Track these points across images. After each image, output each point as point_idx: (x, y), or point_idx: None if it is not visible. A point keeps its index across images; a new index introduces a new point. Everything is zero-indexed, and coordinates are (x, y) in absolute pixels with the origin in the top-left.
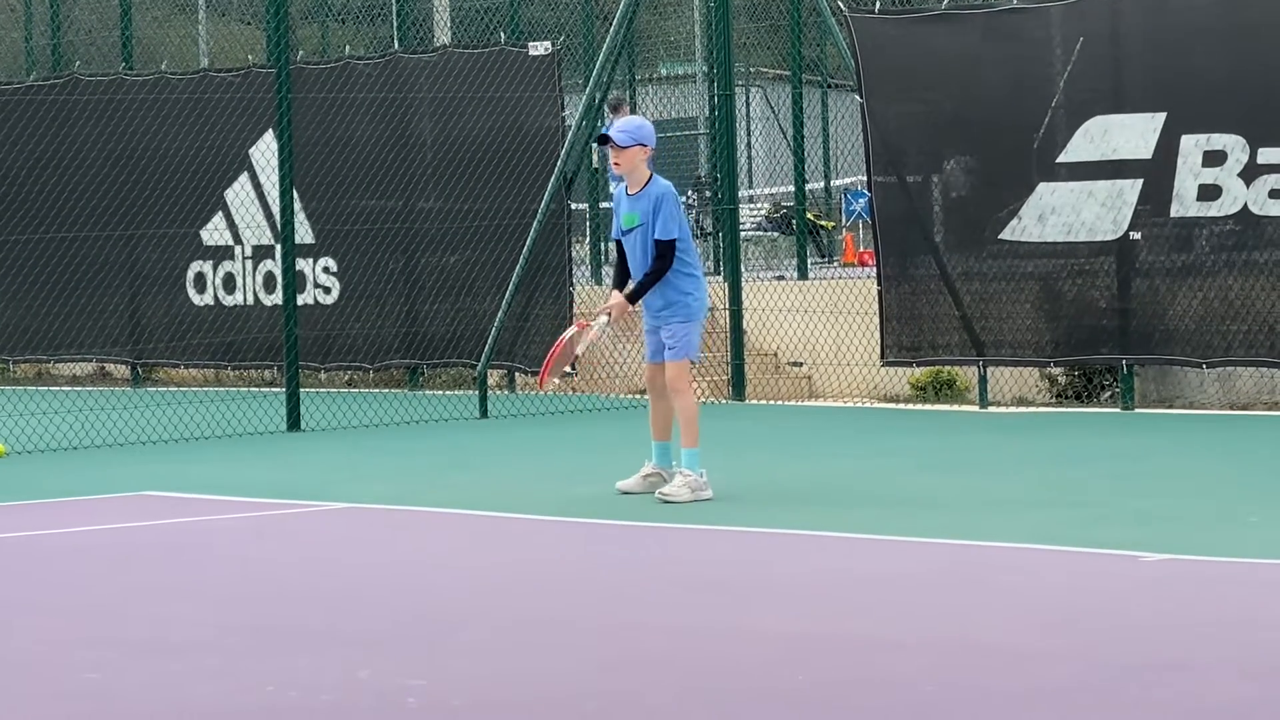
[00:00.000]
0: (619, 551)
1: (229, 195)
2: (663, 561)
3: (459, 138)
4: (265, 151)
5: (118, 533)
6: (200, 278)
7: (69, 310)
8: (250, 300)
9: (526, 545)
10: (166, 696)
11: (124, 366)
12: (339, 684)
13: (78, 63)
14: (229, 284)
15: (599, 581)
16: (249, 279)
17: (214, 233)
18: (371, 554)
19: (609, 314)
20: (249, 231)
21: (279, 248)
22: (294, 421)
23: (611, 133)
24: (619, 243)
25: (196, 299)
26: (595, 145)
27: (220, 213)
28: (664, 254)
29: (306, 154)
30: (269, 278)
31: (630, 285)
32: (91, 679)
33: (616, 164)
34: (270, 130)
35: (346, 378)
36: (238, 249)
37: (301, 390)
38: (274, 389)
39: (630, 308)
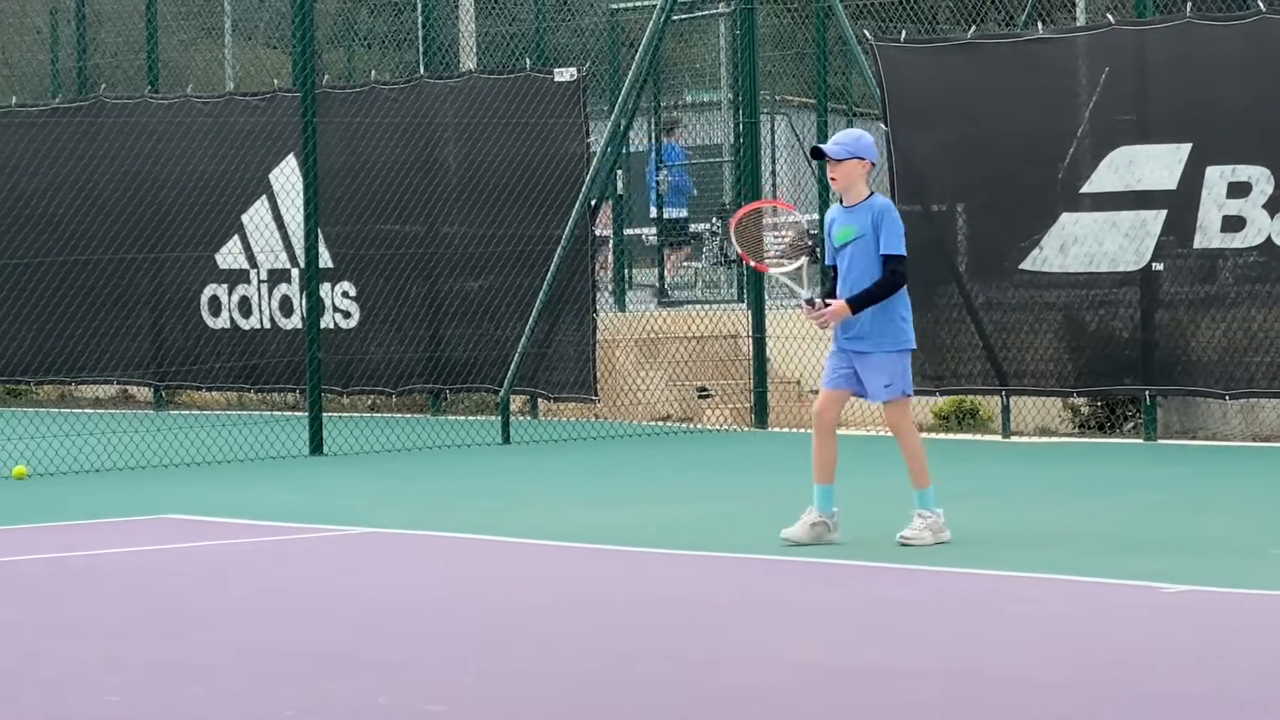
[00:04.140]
0: (636, 578)
1: (245, 219)
2: (682, 586)
3: (483, 163)
4: (286, 175)
5: (140, 556)
6: (215, 301)
7: (91, 332)
8: (267, 324)
9: (548, 571)
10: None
11: (146, 389)
12: (358, 709)
13: (103, 85)
14: (244, 307)
15: (617, 608)
16: (265, 303)
17: (229, 256)
18: (393, 579)
19: (822, 312)
20: (264, 255)
21: (295, 271)
22: (316, 445)
23: (826, 146)
24: (831, 268)
25: (212, 322)
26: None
27: (236, 236)
28: (895, 269)
29: (328, 178)
30: (285, 301)
31: (858, 293)
32: (112, 702)
33: (833, 179)
34: (291, 154)
35: (369, 402)
36: (253, 273)
37: (324, 414)
38: (296, 413)
39: (849, 314)
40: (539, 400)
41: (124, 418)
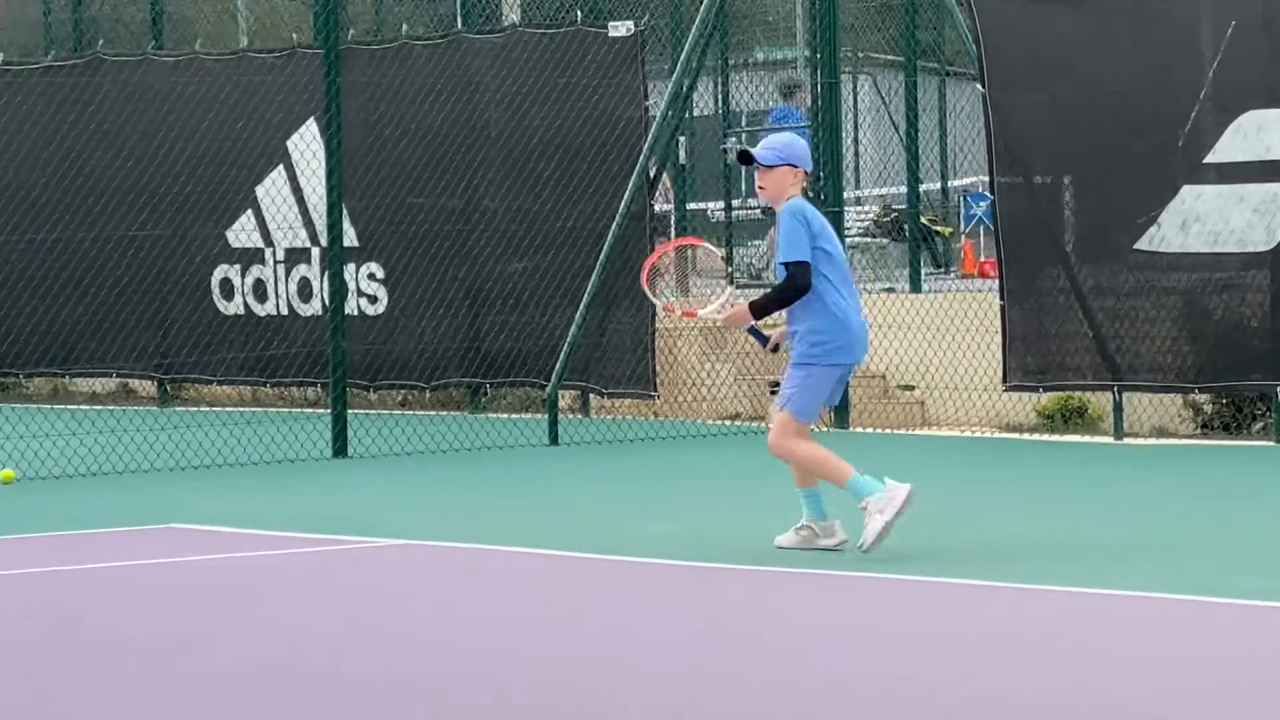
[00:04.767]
0: (696, 594)
1: (260, 192)
2: (751, 607)
3: (529, 128)
4: (306, 142)
5: (141, 571)
6: (227, 284)
7: (88, 319)
8: (285, 310)
9: (596, 589)
10: None
11: (149, 383)
12: None
13: (101, 41)
14: (259, 291)
15: (675, 628)
16: (282, 286)
17: (242, 234)
18: (424, 597)
19: (726, 313)
20: (281, 233)
21: (315, 250)
22: (340, 447)
23: (756, 150)
24: None
25: (223, 307)
26: (734, 160)
27: (250, 211)
28: (791, 274)
29: (353, 145)
30: (304, 284)
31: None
32: None
33: (761, 188)
34: (312, 119)
35: (399, 398)
36: (268, 252)
37: (349, 411)
38: (318, 410)
39: (746, 321)
40: (591, 396)
41: (124, 415)
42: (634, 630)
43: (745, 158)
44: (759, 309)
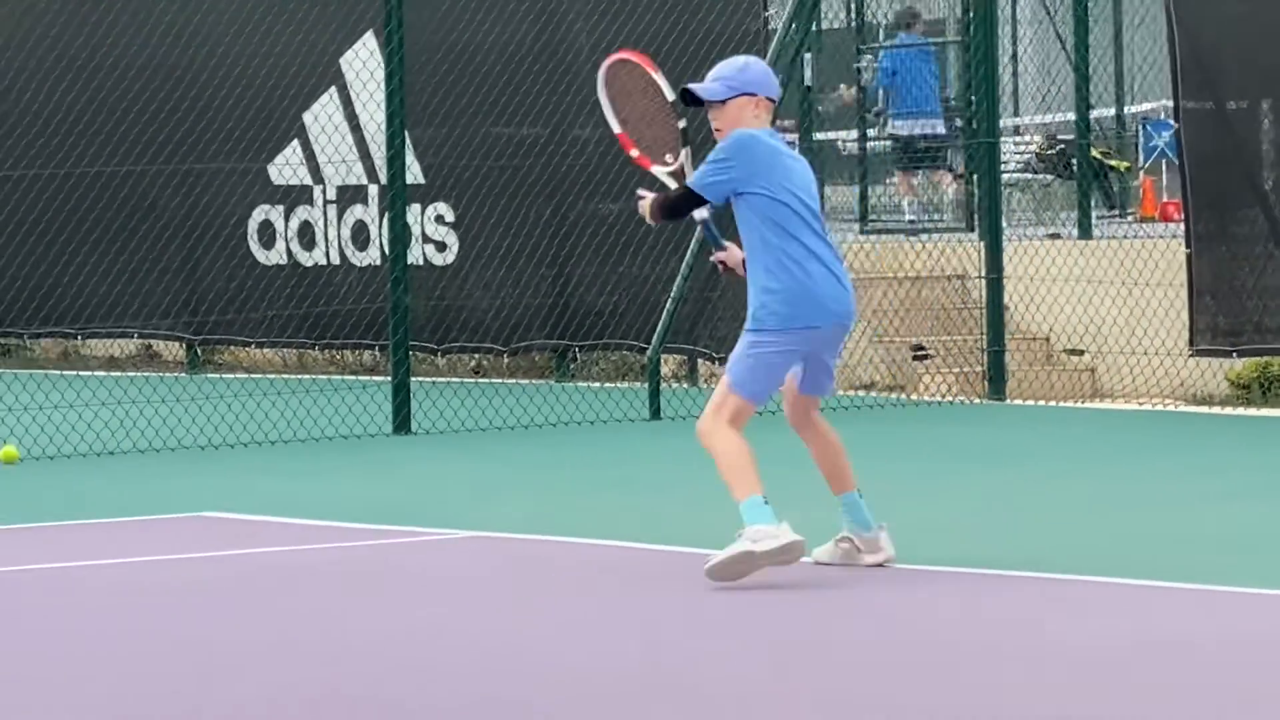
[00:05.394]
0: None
1: (308, 118)
2: (878, 606)
3: (626, 44)
4: (362, 60)
5: (166, 567)
6: (267, 227)
7: (104, 270)
8: (336, 259)
9: (703, 589)
10: None
11: (177, 344)
12: None
13: None
14: (306, 237)
15: (791, 635)
16: (333, 230)
17: (285, 168)
18: (500, 599)
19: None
20: (332, 168)
21: (373, 189)
22: (402, 421)
23: (699, 86)
24: None
25: (263, 256)
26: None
27: (295, 141)
28: (678, 195)
29: (417, 65)
30: (360, 229)
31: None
32: None
33: (717, 129)
34: (370, 32)
35: (472, 364)
36: (317, 190)
37: (412, 379)
38: (375, 378)
39: (648, 216)
40: (698, 362)
41: (148, 382)
42: (733, 629)
43: (689, 97)
44: (657, 204)
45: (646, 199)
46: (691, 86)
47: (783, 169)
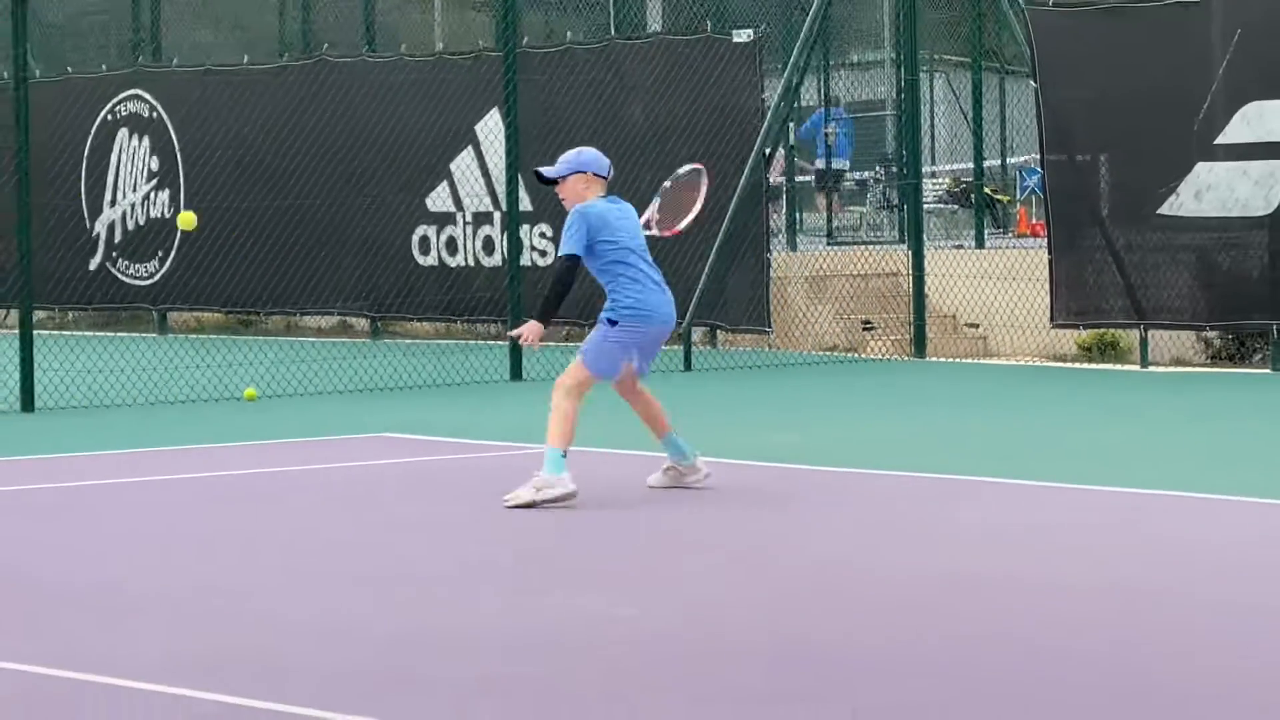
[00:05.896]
0: (818, 495)
1: (453, 166)
2: (838, 502)
3: (667, 116)
4: (490, 127)
5: (359, 470)
6: (425, 240)
7: (314, 269)
8: (471, 262)
9: (731, 491)
10: (410, 622)
11: (363, 320)
12: (563, 611)
13: (325, 46)
14: (451, 246)
15: (799, 523)
16: (470, 242)
17: (438, 200)
18: (588, 493)
19: (521, 331)
20: (470, 200)
21: (497, 214)
22: (516, 371)
23: (545, 169)
24: None
25: (422, 260)
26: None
27: (445, 182)
28: (557, 266)
29: (528, 130)
30: (488, 241)
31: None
32: (337, 609)
33: (563, 199)
34: (495, 108)
35: (564, 332)
36: (459, 215)
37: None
38: (498, 342)
39: (542, 329)
40: (718, 331)
41: (343, 345)
42: (746, 517)
43: (539, 178)
44: (542, 307)
45: (526, 327)
46: (539, 170)
47: (612, 223)
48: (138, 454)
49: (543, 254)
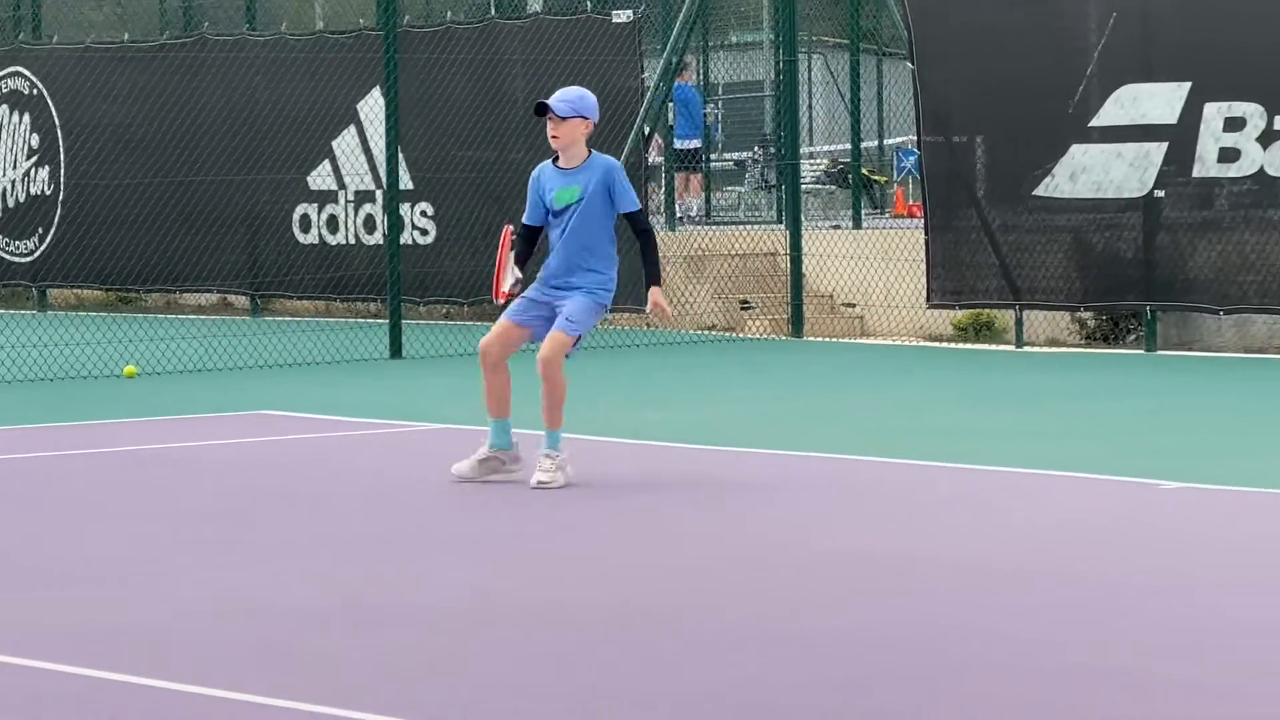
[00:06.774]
0: (677, 469)
1: (335, 145)
2: (700, 481)
3: (548, 95)
4: (371, 106)
5: (238, 447)
6: (306, 219)
7: (194, 246)
8: (352, 240)
9: (602, 466)
10: (291, 597)
11: (243, 297)
12: (437, 582)
13: (206, 24)
14: (332, 225)
15: (660, 496)
16: (351, 220)
17: (319, 178)
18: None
19: (659, 312)
20: (351, 178)
21: (379, 192)
22: (396, 350)
23: (551, 101)
24: (529, 228)
25: (302, 238)
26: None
27: (327, 160)
28: (643, 223)
29: (409, 109)
30: (369, 219)
31: (649, 270)
32: (228, 580)
33: (554, 136)
34: (377, 87)
35: (444, 311)
36: (341, 193)
37: (403, 322)
38: (378, 320)
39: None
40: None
41: (223, 323)
42: (603, 487)
43: (541, 109)
44: (659, 276)
45: (660, 307)
46: (544, 100)
47: None
48: (17, 430)
49: (424, 232)
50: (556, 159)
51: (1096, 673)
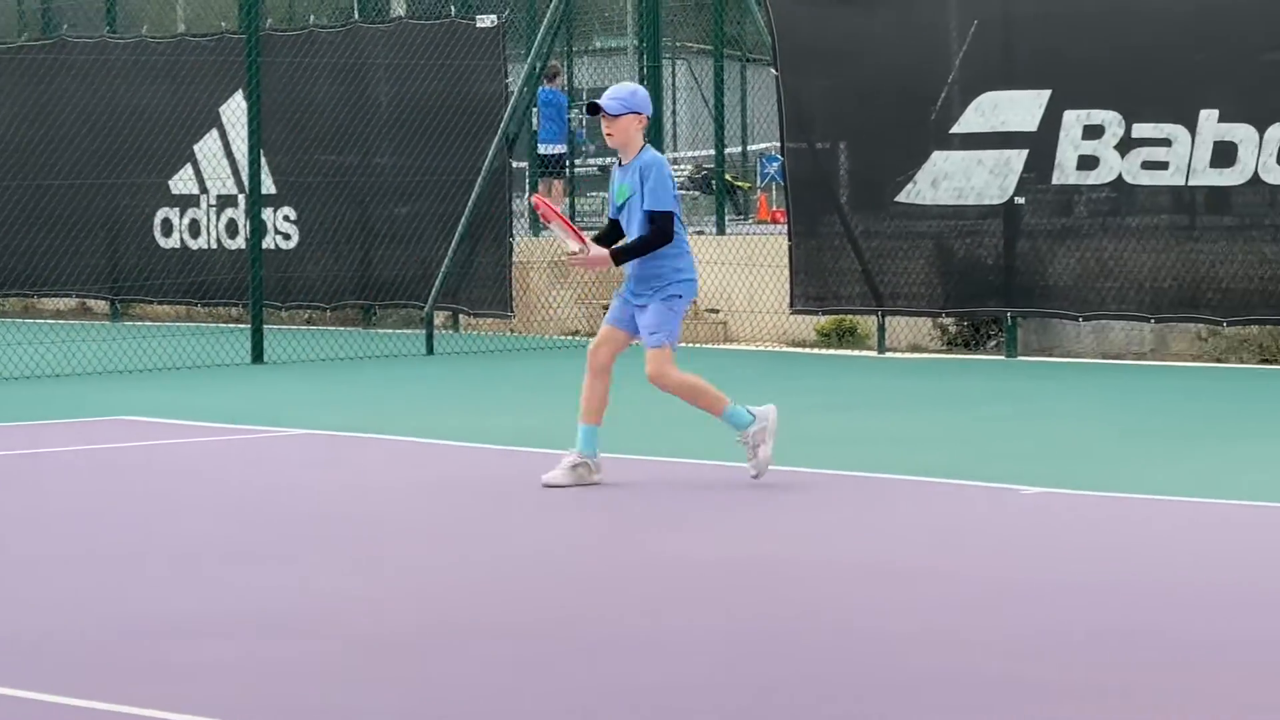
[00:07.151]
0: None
1: (197, 149)
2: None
3: (411, 101)
4: (234, 109)
5: (97, 453)
6: (167, 223)
7: (53, 250)
8: (214, 244)
9: (468, 471)
10: (152, 604)
11: (103, 302)
12: (288, 590)
13: (65, 26)
14: (194, 229)
15: (526, 500)
16: (213, 225)
17: (181, 182)
18: (322, 476)
19: (586, 255)
20: (213, 182)
21: (241, 196)
22: (258, 355)
23: (602, 100)
24: (612, 222)
25: (164, 242)
26: (585, 114)
27: (189, 164)
28: (659, 225)
29: (272, 113)
30: (231, 224)
31: (621, 244)
32: (86, 587)
33: (609, 134)
34: (240, 90)
35: (306, 316)
36: (203, 198)
37: (264, 326)
38: (239, 325)
39: (607, 265)
40: (460, 315)
41: (82, 328)
42: (495, 495)
43: (593, 108)
44: (621, 255)
45: (591, 254)
46: (596, 101)
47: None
48: None
49: (286, 237)
50: (620, 157)
51: (951, 675)
